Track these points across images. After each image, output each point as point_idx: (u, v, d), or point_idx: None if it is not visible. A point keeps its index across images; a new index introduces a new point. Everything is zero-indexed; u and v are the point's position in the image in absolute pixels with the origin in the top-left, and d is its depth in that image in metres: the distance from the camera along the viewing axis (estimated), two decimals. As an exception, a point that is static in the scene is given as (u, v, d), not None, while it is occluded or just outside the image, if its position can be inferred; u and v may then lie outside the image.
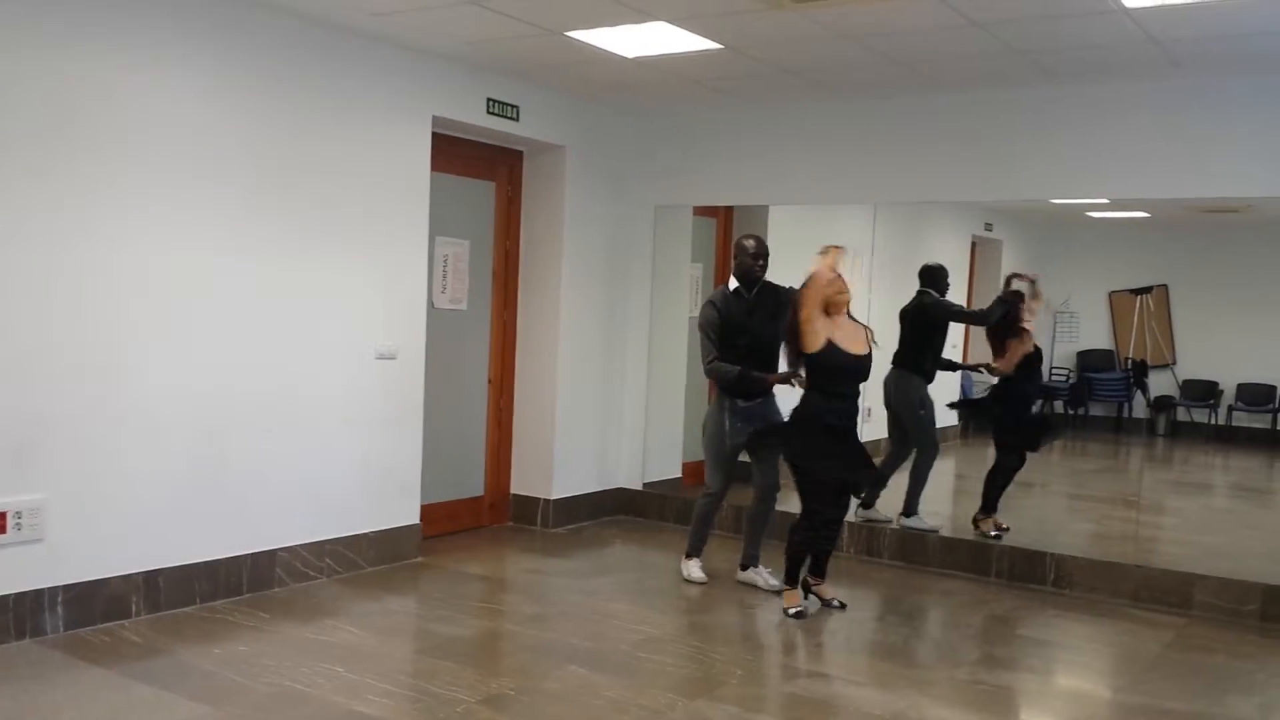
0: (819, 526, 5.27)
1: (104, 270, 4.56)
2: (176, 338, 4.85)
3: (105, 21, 4.51)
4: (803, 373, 5.23)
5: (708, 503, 5.87)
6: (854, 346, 5.13)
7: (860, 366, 5.17)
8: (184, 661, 4.29)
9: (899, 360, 6.60)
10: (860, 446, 5.36)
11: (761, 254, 5.62)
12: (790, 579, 5.31)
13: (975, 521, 6.59)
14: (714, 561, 6.04)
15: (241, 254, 5.09)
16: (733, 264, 5.74)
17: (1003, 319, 6.50)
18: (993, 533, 6.48)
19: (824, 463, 5.16)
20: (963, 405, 7.19)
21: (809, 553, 5.33)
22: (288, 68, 5.23)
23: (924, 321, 6.61)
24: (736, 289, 5.66)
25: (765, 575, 5.72)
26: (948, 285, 6.68)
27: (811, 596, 5.38)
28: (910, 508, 6.59)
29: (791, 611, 5.20)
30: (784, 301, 5.40)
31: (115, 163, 4.57)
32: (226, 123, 4.99)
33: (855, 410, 5.29)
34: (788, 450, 5.30)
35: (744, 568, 5.81)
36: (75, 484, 4.53)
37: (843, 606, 5.37)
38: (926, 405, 6.60)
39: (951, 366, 6.90)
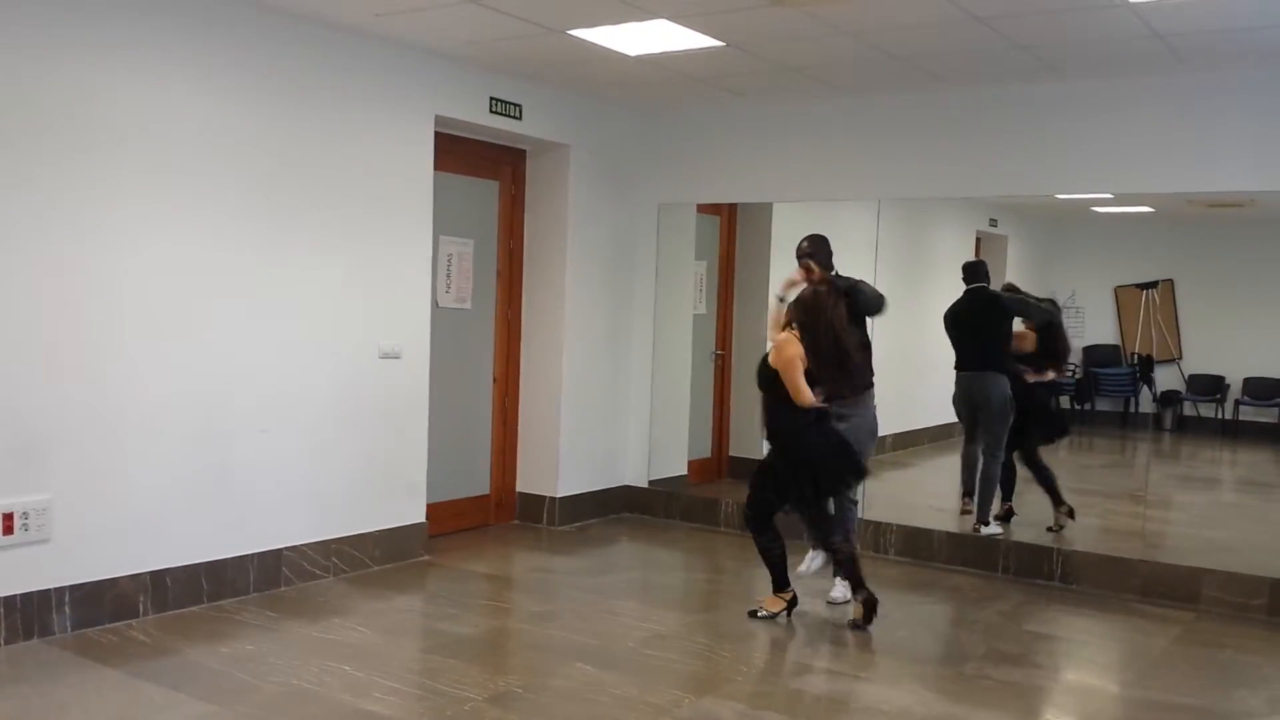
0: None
1: (108, 270, 4.57)
2: (182, 337, 4.86)
3: (105, 21, 4.52)
4: None
5: None
6: None
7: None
8: (192, 661, 4.30)
9: (984, 361, 6.57)
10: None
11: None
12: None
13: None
14: (720, 558, 6.04)
15: (245, 254, 5.10)
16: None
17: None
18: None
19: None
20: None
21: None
22: (289, 67, 5.23)
23: (1000, 317, 6.62)
24: None
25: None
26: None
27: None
28: (985, 515, 6.55)
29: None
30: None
31: (119, 163, 4.58)
32: (229, 123, 4.99)
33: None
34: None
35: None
36: (81, 484, 4.54)
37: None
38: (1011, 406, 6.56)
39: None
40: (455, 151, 6.40)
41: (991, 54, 5.43)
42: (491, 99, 6.30)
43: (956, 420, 6.99)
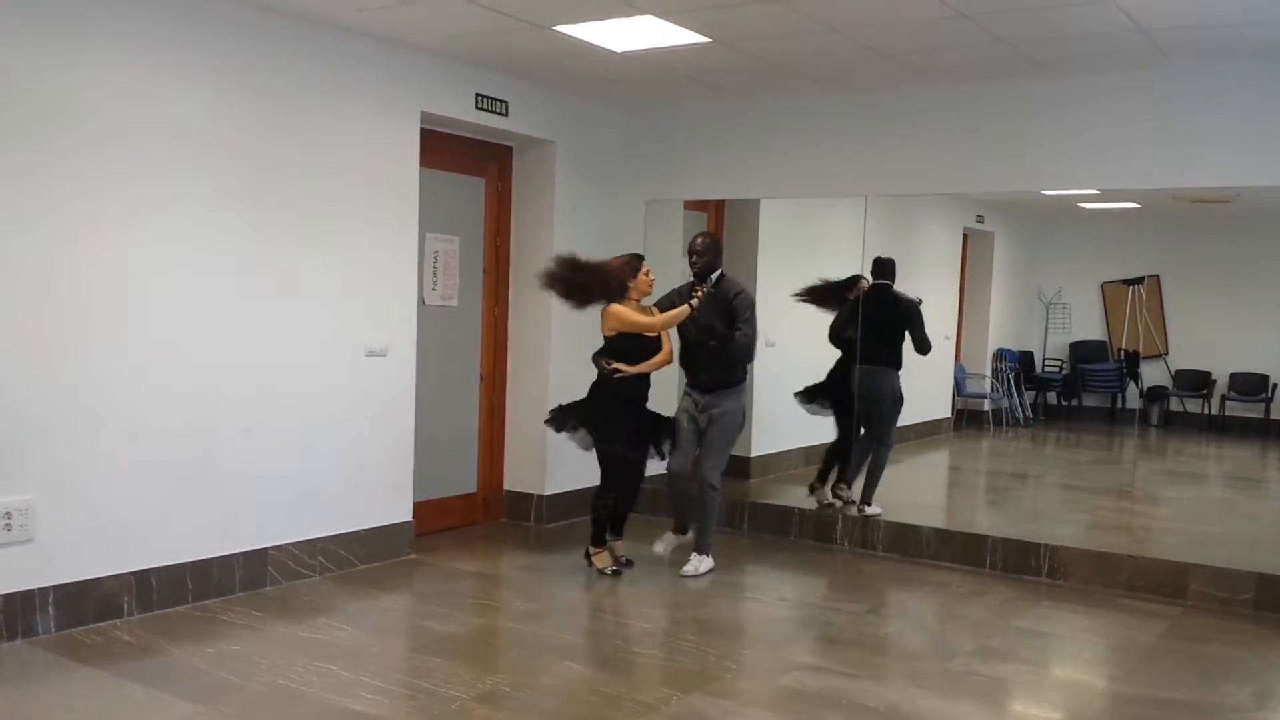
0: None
1: (91, 268, 4.54)
2: (166, 336, 4.83)
3: (91, 18, 4.48)
4: None
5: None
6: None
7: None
8: (177, 661, 4.27)
9: (875, 355, 6.73)
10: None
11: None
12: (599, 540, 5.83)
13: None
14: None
15: (229, 252, 5.07)
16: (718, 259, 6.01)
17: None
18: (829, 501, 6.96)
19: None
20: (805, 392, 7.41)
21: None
22: (274, 64, 5.21)
23: (896, 316, 6.79)
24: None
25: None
26: None
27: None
28: (869, 497, 6.80)
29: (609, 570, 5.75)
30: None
31: (101, 161, 4.55)
32: (212, 119, 4.96)
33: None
34: None
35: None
36: (64, 484, 4.50)
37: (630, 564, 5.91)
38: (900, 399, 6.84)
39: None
40: (441, 148, 6.38)
41: (978, 50, 5.43)
42: (477, 95, 6.28)
43: (947, 415, 7.01)
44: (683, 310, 5.72)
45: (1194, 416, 8.17)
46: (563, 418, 5.85)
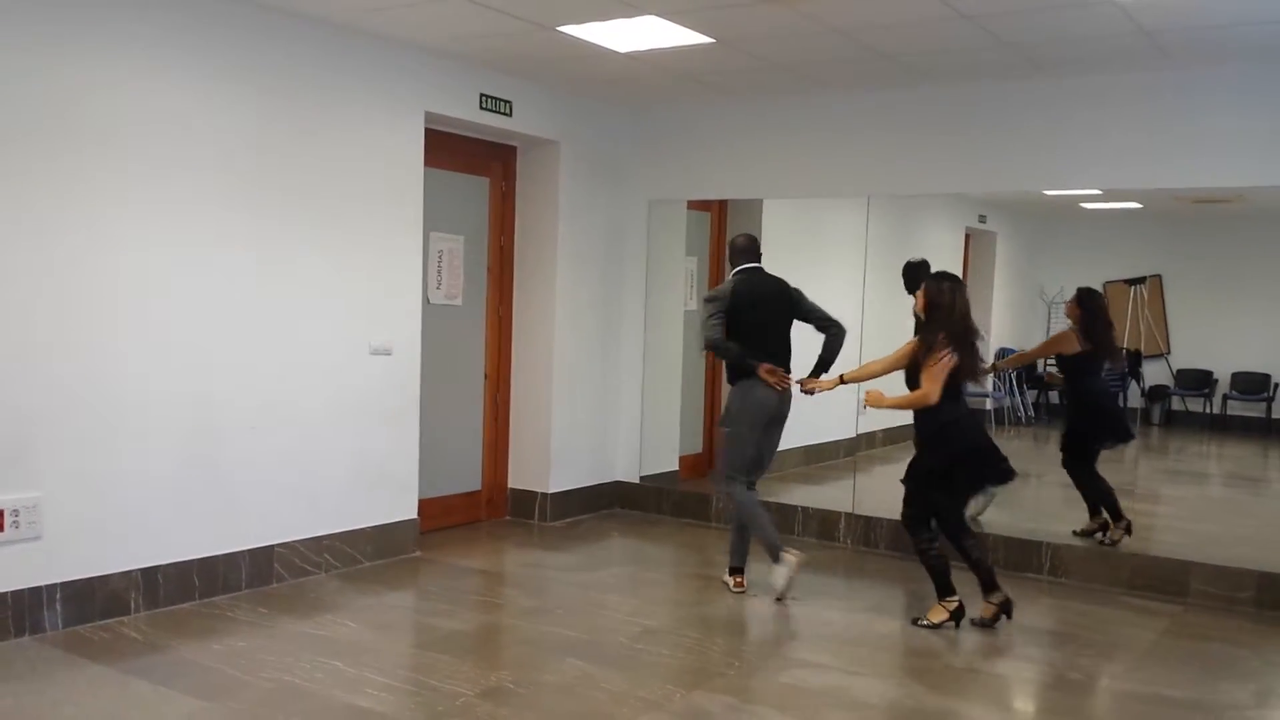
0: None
1: (97, 267, 4.57)
2: (172, 334, 4.86)
3: (95, 18, 4.51)
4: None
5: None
6: None
7: None
8: (183, 657, 4.30)
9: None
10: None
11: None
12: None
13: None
14: (711, 553, 6.06)
15: (235, 251, 5.09)
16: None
17: None
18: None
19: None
20: None
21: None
22: (279, 64, 5.23)
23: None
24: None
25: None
26: None
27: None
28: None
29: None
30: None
31: (108, 160, 4.57)
32: (218, 119, 4.99)
33: None
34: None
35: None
36: (72, 481, 4.53)
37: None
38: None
39: None
40: (445, 148, 6.40)
41: (979, 51, 5.45)
42: (482, 95, 6.30)
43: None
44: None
45: (1196, 415, 8.17)
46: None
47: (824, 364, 5.47)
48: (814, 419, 7.18)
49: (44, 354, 4.42)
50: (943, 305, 4.93)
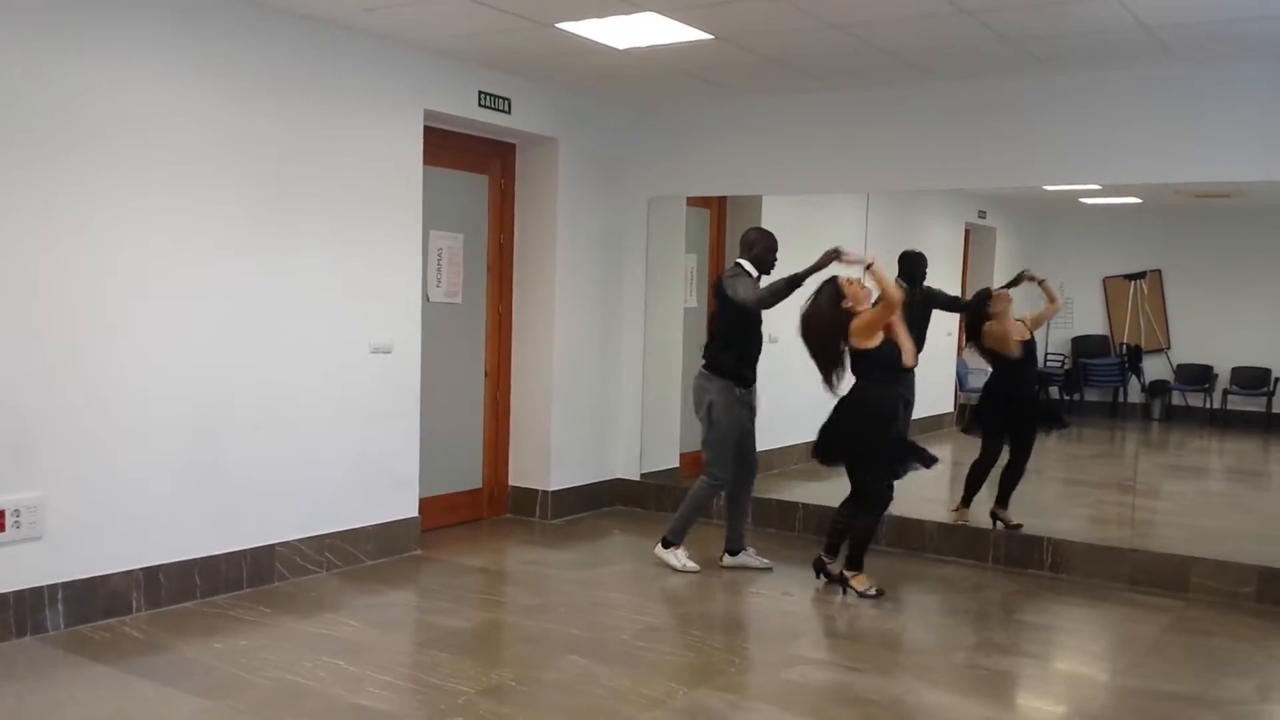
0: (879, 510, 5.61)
1: (99, 267, 4.56)
2: (172, 334, 4.85)
3: (96, 19, 4.50)
4: None
5: (711, 492, 5.94)
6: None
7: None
8: (185, 657, 4.30)
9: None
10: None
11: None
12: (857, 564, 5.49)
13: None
14: (712, 550, 6.06)
15: (235, 249, 5.09)
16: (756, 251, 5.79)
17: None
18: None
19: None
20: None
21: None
22: (277, 63, 5.22)
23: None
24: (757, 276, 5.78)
25: (755, 556, 5.95)
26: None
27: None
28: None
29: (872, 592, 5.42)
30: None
31: (108, 160, 4.57)
32: (218, 119, 4.98)
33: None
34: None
35: (733, 553, 5.95)
36: (73, 481, 4.53)
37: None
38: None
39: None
40: (445, 146, 6.40)
41: (979, 47, 5.44)
42: (480, 93, 6.29)
43: (949, 410, 6.99)
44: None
45: (1196, 410, 8.16)
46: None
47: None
48: (817, 417, 7.18)
49: (46, 354, 4.42)
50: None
